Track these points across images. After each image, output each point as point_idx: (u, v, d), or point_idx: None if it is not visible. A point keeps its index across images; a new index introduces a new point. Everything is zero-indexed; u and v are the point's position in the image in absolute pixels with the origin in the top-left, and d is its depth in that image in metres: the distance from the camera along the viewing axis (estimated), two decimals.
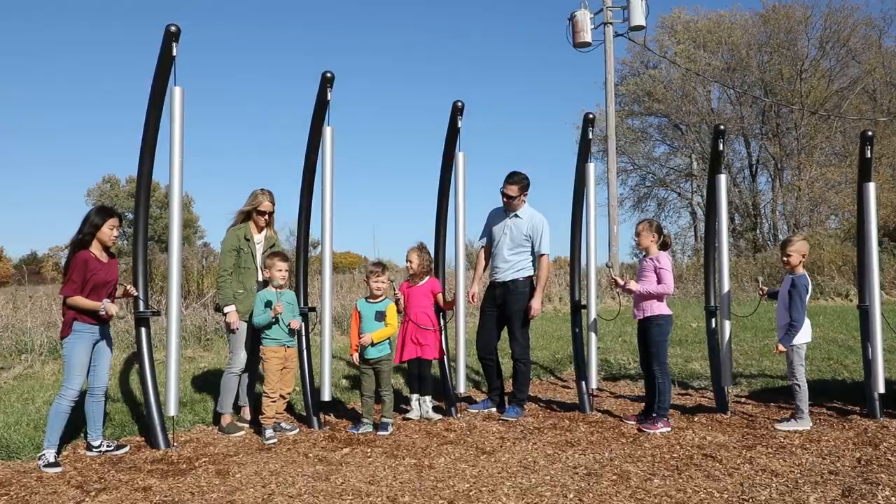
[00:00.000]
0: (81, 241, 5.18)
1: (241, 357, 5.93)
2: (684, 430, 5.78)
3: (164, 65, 5.29)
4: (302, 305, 6.12)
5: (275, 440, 5.58)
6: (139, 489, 4.45)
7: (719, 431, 5.71)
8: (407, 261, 6.48)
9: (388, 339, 6.06)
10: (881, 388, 6.00)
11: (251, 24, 75.63)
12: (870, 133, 6.21)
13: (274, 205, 6.17)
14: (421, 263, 6.44)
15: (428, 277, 6.51)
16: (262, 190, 6.14)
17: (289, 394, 5.96)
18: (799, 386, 5.82)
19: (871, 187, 6.14)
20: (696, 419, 6.18)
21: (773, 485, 4.33)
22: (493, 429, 5.94)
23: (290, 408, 6.52)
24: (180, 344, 6.05)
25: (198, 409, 6.43)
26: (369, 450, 5.32)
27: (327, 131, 5.87)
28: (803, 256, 5.95)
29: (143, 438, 5.66)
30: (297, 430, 5.93)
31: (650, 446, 5.30)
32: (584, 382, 6.62)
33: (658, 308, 6.02)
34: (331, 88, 5.83)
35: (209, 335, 10.48)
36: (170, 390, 5.25)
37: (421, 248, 6.52)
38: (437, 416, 6.33)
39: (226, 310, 5.92)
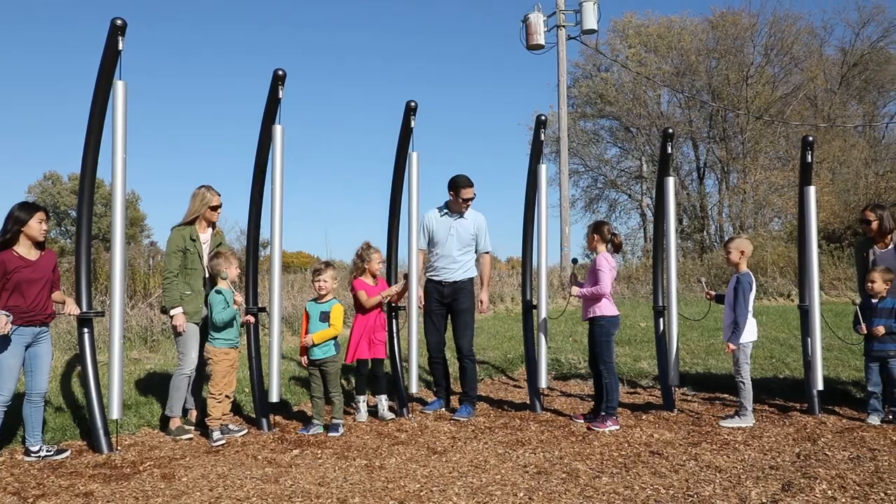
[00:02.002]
0: (5, 242, 4.99)
1: (192, 358, 5.81)
2: (632, 428, 5.88)
3: (109, 59, 5.16)
4: (251, 305, 6.04)
5: (223, 441, 5.49)
6: (80, 495, 4.32)
7: (666, 429, 5.82)
8: (377, 262, 6.47)
9: (334, 339, 6.02)
10: (820, 386, 6.19)
11: (201, 21, 74.14)
12: (810, 138, 6.40)
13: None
14: (382, 262, 6.48)
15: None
16: (206, 187, 6.01)
17: (232, 393, 5.88)
18: (744, 383, 5.97)
19: (812, 191, 6.33)
20: (643, 417, 6.29)
21: (717, 480, 4.43)
22: (444, 429, 5.95)
23: (238, 409, 6.43)
24: (124, 345, 5.88)
25: (143, 412, 6.28)
26: (319, 451, 5.27)
27: (278, 129, 5.79)
28: (742, 254, 6.11)
29: (84, 442, 5.50)
30: (246, 431, 5.84)
31: (599, 444, 5.37)
32: (534, 382, 6.69)
33: (600, 309, 6.11)
34: (282, 86, 5.75)
35: (156, 336, 10.24)
36: (113, 392, 5.12)
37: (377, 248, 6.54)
38: (391, 416, 6.32)
39: (172, 312, 5.76)
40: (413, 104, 6.32)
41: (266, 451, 5.29)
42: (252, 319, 6.02)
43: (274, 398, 5.80)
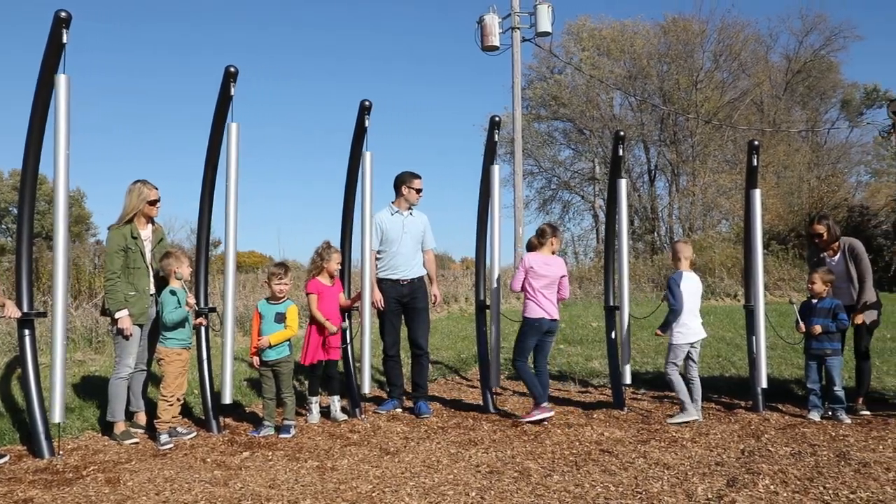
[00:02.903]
0: None
1: (130, 362, 5.64)
2: (584, 426, 5.95)
3: (53, 52, 5.00)
4: (202, 306, 5.93)
5: (171, 445, 5.38)
6: (19, 501, 4.18)
7: (616, 427, 5.91)
8: (336, 262, 6.39)
9: (289, 341, 5.96)
10: (764, 384, 6.36)
11: (150, 19, 72.39)
12: (756, 143, 6.57)
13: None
14: (340, 264, 6.44)
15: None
16: (142, 181, 5.80)
17: (183, 395, 5.77)
18: (672, 381, 6.11)
19: (757, 194, 6.49)
20: (594, 416, 6.38)
21: (665, 477, 4.51)
22: (397, 429, 5.94)
23: (187, 411, 6.31)
24: (68, 346, 5.72)
25: (87, 415, 6.12)
26: (270, 453, 5.20)
27: (232, 127, 5.71)
28: (679, 255, 6.31)
29: (25, 447, 5.32)
30: (195, 434, 5.73)
31: (551, 443, 5.42)
32: (487, 382, 6.73)
33: (525, 310, 6.28)
34: (234, 83, 5.67)
35: (101, 337, 9.98)
36: (55, 395, 4.96)
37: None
38: (344, 417, 6.28)
39: (118, 315, 5.54)
40: (367, 103, 6.30)
41: (215, 454, 5.20)
42: (204, 322, 5.92)
43: (227, 399, 5.71)
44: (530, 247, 6.44)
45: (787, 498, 4.09)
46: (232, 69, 5.61)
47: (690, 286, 6.21)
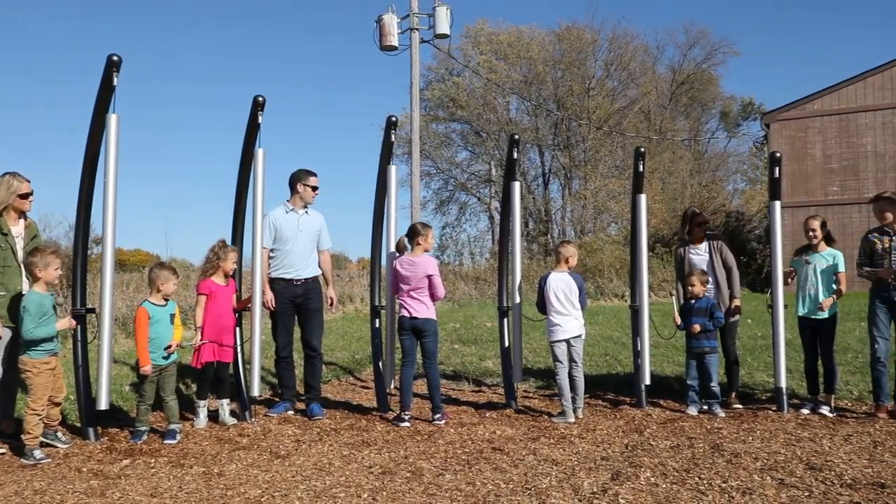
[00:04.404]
0: None
1: None
2: (476, 425, 6.02)
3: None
4: (79, 307, 5.60)
5: (47, 460, 4.99)
6: None
7: (508, 426, 6.01)
8: (232, 261, 6.20)
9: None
10: (647, 380, 6.65)
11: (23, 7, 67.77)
12: (642, 150, 6.85)
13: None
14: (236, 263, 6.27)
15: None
16: (11, 173, 5.43)
17: (64, 398, 5.44)
18: (556, 381, 6.29)
19: (643, 198, 6.78)
20: (487, 415, 6.47)
21: (553, 473, 4.63)
22: (289, 432, 5.82)
23: (61, 419, 5.94)
24: None
25: None
26: (153, 460, 4.98)
27: (112, 119, 5.44)
28: (559, 256, 6.49)
29: None
30: (71, 443, 5.39)
31: (444, 443, 5.46)
32: (382, 382, 6.70)
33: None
34: (117, 73, 5.40)
35: None
36: None
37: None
38: (233, 421, 6.09)
39: None
40: (261, 99, 6.15)
41: (92, 463, 4.92)
42: (73, 325, 5.48)
43: (103, 405, 5.42)
44: (399, 247, 6.41)
45: (666, 489, 4.28)
46: (115, 58, 5.35)
47: (559, 285, 6.34)
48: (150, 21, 69.05)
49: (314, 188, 6.71)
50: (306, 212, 6.71)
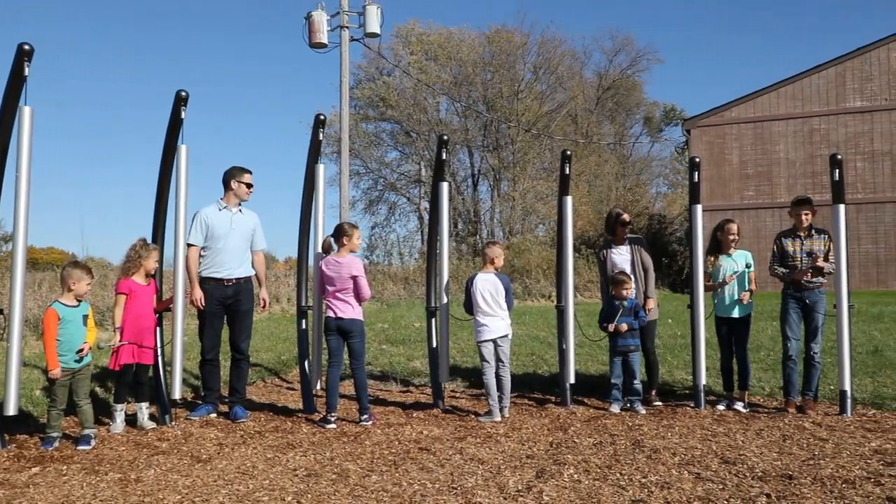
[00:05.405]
0: None
1: None
2: (403, 425, 6.01)
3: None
4: None
5: None
6: None
7: (435, 425, 6.03)
8: (154, 260, 6.02)
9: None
10: (572, 379, 6.77)
11: None
12: (568, 152, 6.97)
13: None
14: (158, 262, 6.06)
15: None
16: None
17: None
18: (483, 381, 6.35)
19: (569, 201, 6.90)
20: (414, 415, 6.47)
21: (479, 472, 4.67)
22: (211, 435, 5.68)
23: None
24: None
25: None
26: (65, 467, 4.77)
27: (26, 111, 5.19)
28: (485, 257, 6.56)
29: None
30: None
31: (370, 444, 5.43)
32: (308, 384, 6.61)
33: None
34: (28, 62, 5.14)
35: None
36: None
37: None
38: (152, 425, 5.90)
39: None
40: (184, 93, 5.96)
41: None
42: None
43: (11, 411, 5.15)
44: (325, 247, 6.34)
45: (589, 485, 4.37)
46: (27, 47, 5.09)
47: (485, 286, 6.39)
48: (68, 18, 66.28)
49: (249, 185, 6.54)
50: (240, 210, 6.54)
